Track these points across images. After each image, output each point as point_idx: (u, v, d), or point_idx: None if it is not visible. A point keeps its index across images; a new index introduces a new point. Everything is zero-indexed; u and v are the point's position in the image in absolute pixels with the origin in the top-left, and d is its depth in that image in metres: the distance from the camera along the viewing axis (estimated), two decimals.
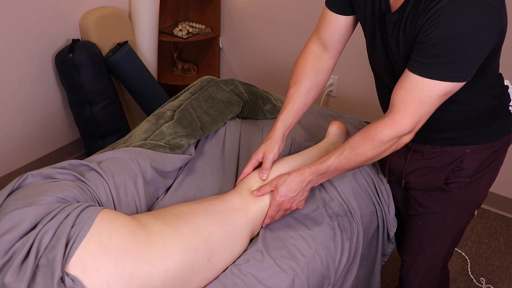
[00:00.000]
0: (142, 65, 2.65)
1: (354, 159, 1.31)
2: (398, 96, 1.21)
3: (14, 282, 1.00)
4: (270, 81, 3.16)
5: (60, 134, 2.71)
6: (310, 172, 1.36)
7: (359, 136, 1.29)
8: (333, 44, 1.47)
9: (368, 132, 1.27)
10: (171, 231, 1.20)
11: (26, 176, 1.25)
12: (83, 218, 1.11)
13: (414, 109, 1.19)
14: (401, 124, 1.21)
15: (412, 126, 1.21)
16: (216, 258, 1.26)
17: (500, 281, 2.21)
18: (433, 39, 1.11)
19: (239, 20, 3.14)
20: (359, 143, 1.29)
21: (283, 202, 1.38)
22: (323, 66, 1.49)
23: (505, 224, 2.52)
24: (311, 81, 1.47)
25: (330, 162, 1.33)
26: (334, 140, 1.63)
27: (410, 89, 1.18)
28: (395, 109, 1.22)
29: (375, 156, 1.29)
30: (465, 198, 1.46)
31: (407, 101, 1.19)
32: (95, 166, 1.36)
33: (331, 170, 1.35)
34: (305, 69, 1.48)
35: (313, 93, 1.49)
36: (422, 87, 1.16)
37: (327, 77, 1.51)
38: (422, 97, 1.17)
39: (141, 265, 1.11)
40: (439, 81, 1.14)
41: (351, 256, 1.49)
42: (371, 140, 1.26)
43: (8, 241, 1.06)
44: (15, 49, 2.35)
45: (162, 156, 1.51)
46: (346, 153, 1.31)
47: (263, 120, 1.92)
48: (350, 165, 1.33)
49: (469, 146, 1.39)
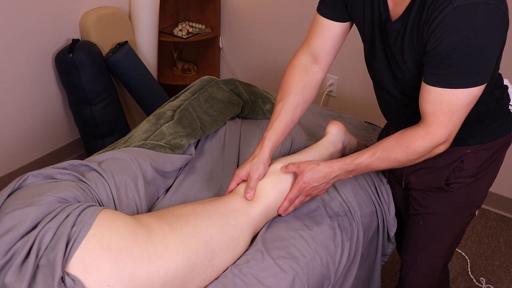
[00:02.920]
0: (142, 65, 2.65)
1: (386, 162, 1.31)
2: (427, 110, 1.20)
3: (15, 282, 1.01)
4: (270, 81, 3.16)
5: (60, 134, 2.71)
6: (339, 167, 1.35)
7: (393, 141, 1.29)
8: (324, 53, 1.45)
9: (402, 138, 1.27)
10: (172, 231, 1.20)
11: (27, 176, 1.25)
12: (84, 218, 1.11)
13: (445, 120, 1.19)
14: (435, 136, 1.21)
15: (446, 136, 1.22)
16: (217, 259, 1.25)
17: (500, 281, 2.21)
18: (444, 50, 1.11)
19: (239, 20, 3.14)
20: (393, 148, 1.28)
21: (305, 188, 1.38)
22: (312, 80, 1.46)
23: (505, 224, 2.53)
24: (298, 96, 1.44)
25: (361, 161, 1.33)
26: (332, 139, 1.63)
27: (435, 102, 1.18)
28: (427, 121, 1.21)
29: (408, 162, 1.29)
30: (466, 198, 1.46)
31: (436, 113, 1.19)
32: (95, 166, 1.36)
33: (361, 168, 1.35)
34: (293, 83, 1.45)
35: (300, 108, 1.46)
36: (447, 97, 1.16)
37: (315, 91, 1.49)
38: (450, 107, 1.17)
39: (141, 265, 1.11)
40: (462, 89, 1.14)
41: (351, 256, 1.49)
42: (405, 147, 1.26)
43: (8, 241, 1.06)
44: (15, 49, 2.35)
45: (162, 156, 1.52)
46: (379, 154, 1.30)
47: (263, 120, 1.92)
48: (381, 166, 1.33)
49: (470, 147, 1.39)
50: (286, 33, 2.99)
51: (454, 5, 1.06)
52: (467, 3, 1.06)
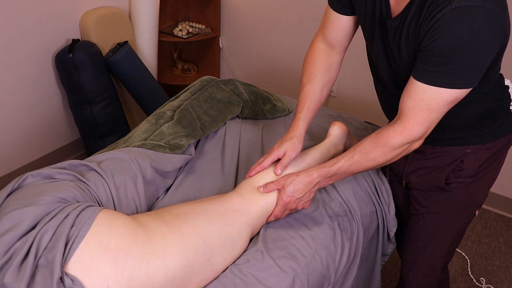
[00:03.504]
0: (142, 65, 2.65)
1: (364, 164, 1.32)
2: (406, 104, 1.21)
3: (14, 282, 1.00)
4: (270, 81, 3.16)
5: (60, 134, 2.71)
6: (318, 174, 1.36)
7: (370, 142, 1.30)
8: (338, 42, 1.48)
9: (379, 138, 1.28)
10: (171, 231, 1.20)
11: (26, 176, 1.25)
12: (83, 218, 1.11)
13: (423, 117, 1.19)
14: (411, 132, 1.22)
15: (422, 133, 1.23)
16: (215, 258, 1.26)
17: (500, 281, 2.21)
18: (437, 48, 1.11)
19: (239, 20, 3.14)
20: (370, 149, 1.30)
21: (290, 202, 1.39)
22: (333, 62, 1.50)
23: (505, 224, 2.53)
24: (323, 77, 1.49)
25: (339, 165, 1.34)
26: (335, 141, 1.63)
27: (417, 98, 1.18)
28: (404, 117, 1.22)
29: (386, 162, 1.30)
30: (466, 198, 1.46)
31: (415, 109, 1.19)
32: (95, 166, 1.36)
33: (340, 173, 1.35)
34: (317, 66, 1.49)
35: (326, 89, 1.50)
36: (430, 95, 1.16)
37: (337, 72, 1.53)
38: (431, 105, 1.17)
39: (140, 266, 1.11)
40: (446, 89, 1.15)
41: (351, 256, 1.49)
42: (382, 146, 1.27)
43: (7, 241, 1.06)
44: (15, 49, 2.35)
45: (162, 156, 1.52)
46: (357, 157, 1.32)
47: (263, 120, 1.92)
48: (359, 169, 1.34)
49: (470, 147, 1.39)
50: (286, 33, 2.99)
51: (453, 6, 1.07)
52: (466, 5, 1.06)
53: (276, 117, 1.97)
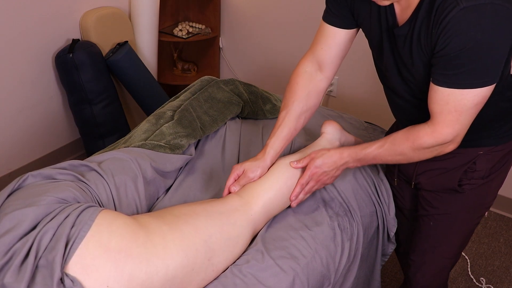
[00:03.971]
0: (142, 65, 2.65)
1: (393, 155, 1.33)
2: (434, 110, 1.21)
3: (14, 282, 1.01)
4: (270, 81, 3.16)
5: (60, 134, 2.71)
6: (349, 154, 1.38)
7: (401, 134, 1.31)
8: (329, 61, 1.44)
9: (410, 133, 1.28)
10: (171, 231, 1.20)
11: (27, 177, 1.25)
12: (83, 219, 1.11)
13: (452, 119, 1.19)
14: (441, 134, 1.22)
15: (453, 136, 1.22)
16: (216, 258, 1.26)
17: (500, 281, 2.21)
18: (452, 51, 1.11)
19: (239, 20, 3.14)
20: (400, 142, 1.30)
21: (316, 173, 1.40)
22: (315, 88, 1.47)
23: (505, 224, 2.53)
24: (302, 104, 1.46)
25: (370, 151, 1.35)
26: (329, 137, 1.64)
27: (443, 102, 1.18)
28: (434, 120, 1.22)
29: (414, 157, 1.31)
30: (477, 199, 1.45)
31: (443, 113, 1.19)
32: (95, 166, 1.36)
33: (369, 158, 1.37)
34: (297, 91, 1.46)
35: (303, 117, 1.48)
36: (455, 97, 1.16)
37: (318, 99, 1.50)
38: (457, 107, 1.17)
39: (140, 266, 1.11)
40: (469, 89, 1.14)
41: (351, 256, 1.49)
42: (411, 142, 1.28)
43: (8, 242, 1.06)
44: (15, 49, 2.35)
45: (162, 156, 1.52)
46: (387, 146, 1.33)
47: (263, 120, 1.92)
48: (387, 158, 1.35)
49: (482, 148, 1.38)
50: (286, 33, 2.99)
51: (461, 6, 1.07)
52: (474, 4, 1.06)
53: (276, 117, 1.97)
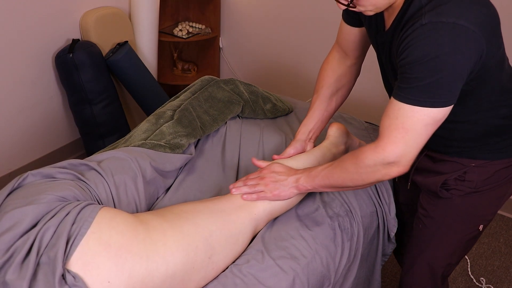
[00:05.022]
0: (142, 65, 2.65)
1: (339, 172, 1.29)
2: (383, 123, 1.18)
3: (16, 279, 1.01)
4: (270, 81, 3.16)
5: (60, 134, 2.71)
6: (303, 170, 1.40)
7: (349, 154, 1.30)
8: (353, 51, 1.51)
9: (356, 151, 1.27)
10: (172, 228, 1.20)
11: (26, 175, 1.26)
12: (83, 216, 1.12)
13: (398, 136, 1.15)
14: (383, 151, 1.17)
15: (396, 155, 1.16)
16: (217, 256, 1.26)
17: (500, 281, 2.21)
18: (407, 64, 1.10)
19: (239, 20, 3.14)
20: (346, 158, 1.29)
21: (265, 171, 1.42)
22: (345, 72, 1.54)
23: (505, 224, 2.53)
24: (332, 88, 1.54)
25: (320, 168, 1.35)
26: (334, 141, 1.64)
27: (392, 116, 1.15)
28: (380, 136, 1.19)
29: (358, 178, 1.26)
30: (467, 208, 1.43)
31: (390, 127, 1.15)
32: (95, 165, 1.36)
33: (319, 177, 1.34)
34: (325, 77, 1.55)
35: (335, 99, 1.56)
36: (404, 113, 1.13)
37: (350, 84, 1.57)
38: (405, 124, 1.13)
39: (141, 262, 1.11)
40: (419, 107, 1.11)
41: (351, 256, 1.49)
42: (355, 158, 1.25)
43: (8, 240, 1.07)
44: (15, 49, 2.35)
45: (162, 156, 1.52)
46: (335, 164, 1.31)
47: (264, 120, 1.92)
48: (334, 176, 1.31)
49: (476, 161, 1.36)
50: (286, 33, 2.99)
51: (423, 22, 1.06)
52: (436, 21, 1.05)
53: (276, 117, 1.97)
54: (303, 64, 2.98)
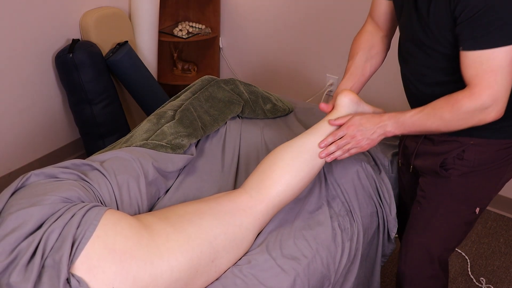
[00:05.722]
0: (142, 65, 2.65)
1: (433, 118, 1.30)
2: (469, 75, 1.22)
3: (20, 282, 1.01)
4: (270, 81, 3.16)
5: (60, 134, 2.71)
6: (388, 117, 1.37)
7: (442, 99, 1.29)
8: (383, 24, 1.57)
9: (450, 97, 1.28)
10: (175, 233, 1.20)
11: (29, 175, 1.25)
12: (89, 219, 1.11)
13: (489, 80, 1.19)
14: (480, 96, 1.21)
15: (492, 98, 1.21)
16: (219, 259, 1.25)
17: (500, 281, 2.21)
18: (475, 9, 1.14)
19: (239, 20, 3.14)
20: (440, 105, 1.29)
21: (352, 129, 1.38)
22: (378, 42, 1.57)
23: (505, 224, 2.53)
24: (366, 54, 1.56)
25: (410, 114, 1.33)
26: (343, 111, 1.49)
27: (476, 64, 1.20)
28: (471, 84, 1.23)
29: (454, 123, 1.28)
30: (464, 189, 1.44)
31: (479, 74, 1.20)
32: (98, 165, 1.36)
33: (408, 123, 1.34)
34: (360, 44, 1.57)
35: (369, 64, 1.57)
36: (487, 57, 1.18)
37: (382, 50, 1.59)
38: (492, 67, 1.18)
39: (145, 267, 1.11)
40: (500, 48, 1.16)
41: (351, 256, 1.50)
42: (451, 105, 1.26)
43: (13, 241, 1.07)
44: (15, 49, 2.35)
45: (164, 156, 1.52)
46: (427, 111, 1.31)
47: (264, 120, 1.92)
48: (427, 124, 1.31)
49: (474, 139, 1.38)
50: (286, 33, 2.99)
51: None
52: None
53: (276, 117, 1.97)
54: (303, 64, 2.98)
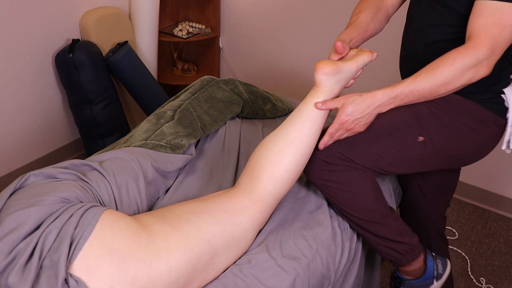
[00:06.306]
0: (142, 65, 2.65)
1: (430, 82, 1.25)
2: (478, 24, 1.22)
3: (18, 282, 1.01)
4: (270, 81, 3.16)
5: (60, 134, 2.71)
6: (383, 94, 1.29)
7: (438, 59, 1.26)
8: None
9: (448, 54, 1.25)
10: (174, 232, 1.20)
11: (28, 176, 1.25)
12: (87, 219, 1.11)
13: (495, 32, 1.20)
14: (481, 47, 1.21)
15: (490, 51, 1.20)
16: (218, 258, 1.25)
17: (500, 281, 2.21)
18: None
19: (239, 20, 3.14)
20: (438, 64, 1.25)
21: (347, 121, 1.32)
22: (384, 9, 1.54)
23: (505, 224, 2.53)
24: (372, 14, 1.51)
25: (405, 84, 1.27)
26: (326, 89, 1.37)
27: (489, 14, 1.20)
28: (475, 35, 1.22)
29: (452, 81, 1.24)
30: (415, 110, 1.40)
31: (488, 24, 1.20)
32: (97, 166, 1.36)
33: (404, 93, 1.27)
34: (368, 4, 1.53)
35: (373, 25, 1.52)
36: (502, 9, 1.19)
37: (384, 19, 1.56)
38: (503, 20, 1.19)
39: (143, 268, 1.11)
40: None
41: (351, 256, 1.50)
42: (451, 61, 1.23)
43: (11, 242, 1.06)
44: (15, 49, 2.35)
45: (163, 156, 1.52)
46: (422, 75, 1.26)
47: (263, 120, 1.92)
48: (425, 88, 1.26)
49: None
50: (286, 33, 2.99)
51: None
52: None
53: (276, 117, 1.97)
54: (303, 64, 2.98)
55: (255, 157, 1.39)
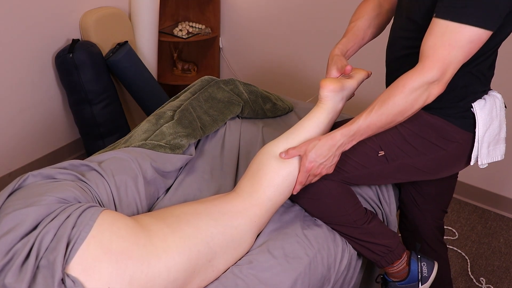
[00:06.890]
0: (142, 65, 2.65)
1: (386, 113, 1.26)
2: (427, 44, 1.22)
3: (15, 283, 1.01)
4: (270, 81, 3.16)
5: (60, 134, 2.71)
6: (341, 135, 1.30)
7: (389, 89, 1.27)
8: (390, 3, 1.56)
9: (398, 82, 1.25)
10: (172, 233, 1.20)
11: (27, 176, 1.25)
12: (84, 219, 1.11)
13: (443, 53, 1.19)
14: (430, 69, 1.20)
15: (440, 71, 1.20)
16: (217, 259, 1.25)
17: (500, 281, 2.21)
18: None
19: (239, 20, 3.14)
20: (389, 95, 1.25)
21: (312, 168, 1.34)
22: (383, 13, 1.55)
23: (505, 224, 2.53)
24: (370, 20, 1.53)
25: (361, 121, 1.28)
26: (330, 105, 1.44)
27: (439, 33, 1.19)
28: (424, 56, 1.22)
29: (407, 108, 1.24)
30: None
31: (436, 45, 1.20)
32: (95, 166, 1.36)
33: (362, 129, 1.29)
34: (367, 9, 1.55)
35: (370, 32, 1.54)
36: (452, 29, 1.18)
37: (384, 23, 1.57)
38: (451, 41, 1.18)
39: (142, 268, 1.11)
40: (467, 25, 1.16)
41: (351, 256, 1.49)
42: (401, 87, 1.23)
43: (9, 242, 1.06)
44: (15, 49, 2.35)
45: (162, 156, 1.52)
46: (376, 108, 1.26)
47: (263, 120, 1.92)
48: (381, 120, 1.27)
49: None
50: (286, 33, 2.99)
51: None
52: None
53: (276, 116, 1.97)
54: (303, 64, 2.98)
55: (256, 162, 1.41)
